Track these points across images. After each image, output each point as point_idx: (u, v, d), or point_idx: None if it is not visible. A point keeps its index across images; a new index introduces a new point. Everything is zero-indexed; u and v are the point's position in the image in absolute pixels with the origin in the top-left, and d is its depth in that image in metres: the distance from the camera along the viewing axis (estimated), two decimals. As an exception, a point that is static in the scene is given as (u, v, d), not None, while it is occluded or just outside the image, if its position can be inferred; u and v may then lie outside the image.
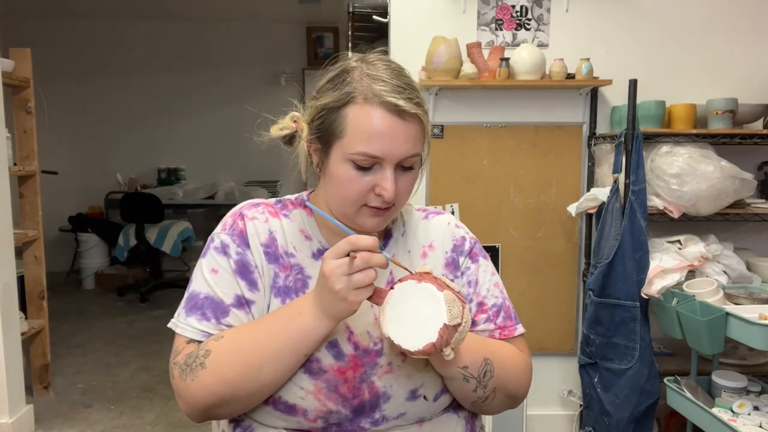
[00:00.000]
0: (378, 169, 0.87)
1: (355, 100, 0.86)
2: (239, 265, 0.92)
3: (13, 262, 2.60)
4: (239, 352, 0.85)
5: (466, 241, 1.04)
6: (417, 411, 0.92)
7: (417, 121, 0.87)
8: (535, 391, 2.52)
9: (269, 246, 0.95)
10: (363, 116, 0.85)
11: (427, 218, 1.06)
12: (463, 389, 0.91)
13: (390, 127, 0.85)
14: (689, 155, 2.12)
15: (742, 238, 2.43)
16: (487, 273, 1.04)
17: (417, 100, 0.88)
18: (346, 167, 0.87)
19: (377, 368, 0.90)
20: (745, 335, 1.73)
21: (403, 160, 0.87)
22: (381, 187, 0.87)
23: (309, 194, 1.03)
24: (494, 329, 1.00)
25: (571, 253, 2.49)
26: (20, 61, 2.78)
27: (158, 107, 5.83)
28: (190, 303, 0.92)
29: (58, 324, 3.90)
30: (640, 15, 2.42)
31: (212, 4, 5.20)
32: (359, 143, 0.85)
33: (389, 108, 0.85)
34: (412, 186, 0.93)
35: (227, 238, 0.94)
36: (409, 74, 0.93)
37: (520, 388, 0.98)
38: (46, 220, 3.08)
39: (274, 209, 0.99)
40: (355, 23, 3.11)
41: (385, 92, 0.85)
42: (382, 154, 0.85)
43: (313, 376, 0.88)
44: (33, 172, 2.86)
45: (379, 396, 0.90)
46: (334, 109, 0.88)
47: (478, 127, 2.44)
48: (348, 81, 0.88)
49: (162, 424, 2.76)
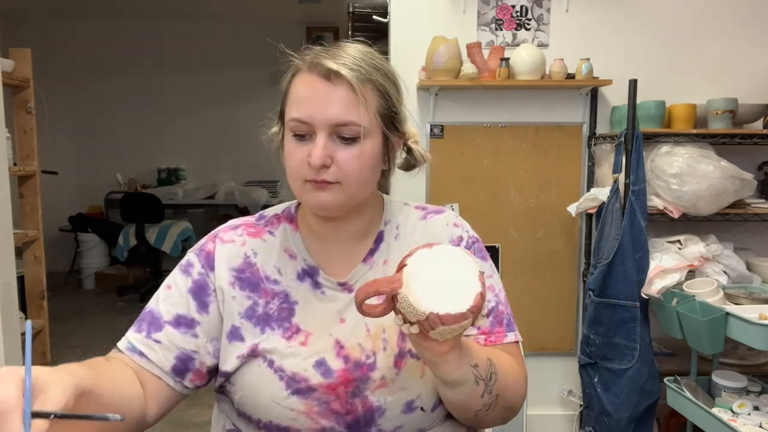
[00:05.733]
0: (313, 139, 0.84)
1: (299, 71, 0.86)
2: (196, 285, 0.90)
3: (13, 262, 2.59)
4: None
5: (463, 241, 0.99)
6: (414, 422, 0.88)
7: (347, 85, 0.82)
8: (535, 391, 2.52)
9: (243, 271, 0.91)
10: (299, 84, 0.85)
11: (425, 218, 1.00)
12: (472, 395, 0.82)
13: (317, 90, 0.83)
14: (689, 155, 2.12)
15: (742, 238, 2.43)
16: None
17: (359, 69, 0.83)
18: (288, 140, 0.86)
19: (370, 382, 0.87)
20: (745, 335, 1.73)
21: (337, 127, 0.83)
22: (310, 155, 0.83)
23: (297, 206, 0.99)
24: (478, 334, 0.93)
25: (571, 253, 2.49)
26: (20, 61, 2.77)
27: (158, 107, 5.83)
28: (138, 317, 0.91)
29: (58, 324, 3.89)
30: (641, 15, 2.42)
31: (212, 4, 5.20)
32: (292, 110, 0.85)
33: (319, 71, 0.83)
34: (360, 162, 0.84)
35: (194, 258, 0.93)
36: (380, 58, 0.89)
37: (517, 397, 0.91)
38: (46, 220, 3.08)
39: (256, 228, 0.95)
40: (355, 23, 3.11)
41: (319, 57, 0.84)
42: (309, 118, 0.83)
43: (302, 397, 0.85)
44: (33, 172, 2.86)
45: (374, 410, 0.86)
46: (286, 89, 0.88)
47: (478, 127, 2.44)
48: (301, 57, 0.87)
49: (162, 424, 2.75)
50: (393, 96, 0.88)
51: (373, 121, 0.85)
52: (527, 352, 2.39)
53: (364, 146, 0.85)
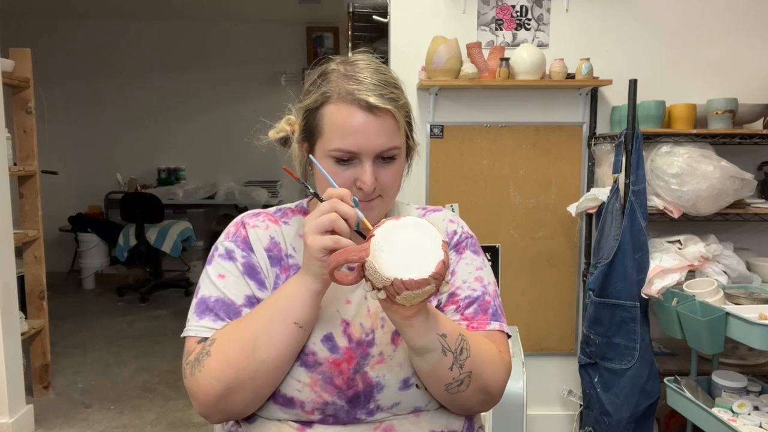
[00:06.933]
0: (357, 163, 0.92)
1: (330, 100, 0.91)
2: (247, 267, 0.96)
3: (13, 262, 2.60)
4: (237, 330, 0.88)
5: (457, 235, 1.06)
6: (411, 400, 0.93)
7: (389, 115, 0.91)
8: (535, 391, 2.52)
9: (271, 249, 0.99)
10: (337, 114, 0.91)
11: (424, 216, 1.08)
12: (440, 366, 0.86)
13: (362, 123, 0.89)
14: (689, 155, 2.12)
15: (742, 238, 2.43)
16: (470, 266, 1.02)
17: (390, 96, 0.91)
18: (328, 163, 0.92)
19: (369, 359, 0.93)
20: (745, 335, 1.73)
21: (380, 152, 0.91)
22: (360, 180, 0.91)
23: (309, 201, 1.07)
24: (460, 320, 0.97)
25: (571, 253, 2.49)
26: (20, 61, 2.78)
27: (158, 107, 5.83)
28: (201, 307, 0.94)
29: (58, 324, 3.90)
30: (640, 15, 2.42)
31: (212, 4, 5.20)
32: (335, 140, 0.90)
33: (361, 105, 0.89)
34: (398, 176, 0.96)
35: (231, 245, 0.98)
36: (389, 71, 0.97)
37: (495, 380, 0.93)
38: (46, 220, 3.08)
39: (274, 217, 1.03)
40: (355, 23, 3.11)
41: (357, 90, 0.90)
42: (357, 149, 0.90)
43: (309, 369, 0.90)
44: (33, 172, 2.86)
45: (373, 386, 0.92)
46: (314, 110, 0.93)
47: (478, 127, 2.44)
48: (326, 82, 0.93)
49: (162, 424, 2.76)
50: (410, 107, 0.98)
51: (404, 138, 0.96)
52: (527, 352, 2.39)
53: (399, 161, 0.96)
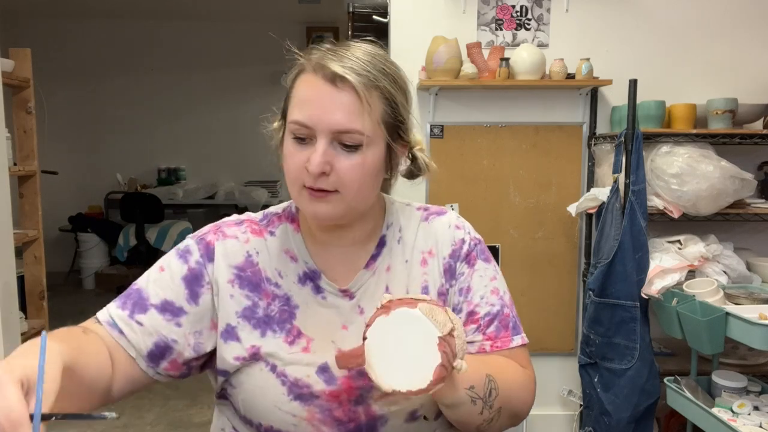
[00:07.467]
0: (314, 143, 0.81)
1: (303, 71, 0.83)
2: (191, 274, 0.87)
3: (13, 262, 2.59)
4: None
5: (465, 243, 0.96)
6: (417, 431, 0.88)
7: (352, 91, 0.79)
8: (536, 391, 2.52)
9: (244, 269, 0.88)
10: (302, 84, 0.82)
11: (427, 220, 0.97)
12: (470, 414, 0.81)
13: (320, 93, 0.79)
14: (689, 155, 2.12)
15: (742, 238, 2.43)
16: (484, 278, 0.94)
17: (365, 74, 0.80)
18: (288, 142, 0.83)
19: (373, 390, 0.85)
20: (745, 335, 1.73)
21: (338, 134, 0.79)
22: (309, 160, 0.80)
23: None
24: (483, 340, 0.91)
25: (571, 253, 2.49)
26: (20, 61, 2.77)
27: (158, 107, 5.83)
28: (123, 292, 0.88)
29: (58, 324, 3.84)
30: (640, 15, 2.42)
31: (212, 4, 5.20)
32: (294, 112, 0.81)
33: (326, 74, 0.79)
34: (361, 171, 0.81)
35: (194, 246, 0.89)
36: (388, 61, 0.85)
37: (524, 405, 0.91)
38: (46, 220, 3.08)
39: (258, 227, 0.93)
40: (355, 23, 3.11)
41: (330, 60, 0.80)
42: (310, 122, 0.79)
43: (304, 403, 0.83)
44: (33, 172, 2.86)
45: (376, 419, 0.85)
46: (289, 88, 0.85)
47: (478, 127, 2.44)
48: (308, 55, 0.84)
49: (162, 424, 2.76)
50: (400, 104, 0.85)
51: (377, 130, 0.82)
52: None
53: (366, 155, 0.81)
